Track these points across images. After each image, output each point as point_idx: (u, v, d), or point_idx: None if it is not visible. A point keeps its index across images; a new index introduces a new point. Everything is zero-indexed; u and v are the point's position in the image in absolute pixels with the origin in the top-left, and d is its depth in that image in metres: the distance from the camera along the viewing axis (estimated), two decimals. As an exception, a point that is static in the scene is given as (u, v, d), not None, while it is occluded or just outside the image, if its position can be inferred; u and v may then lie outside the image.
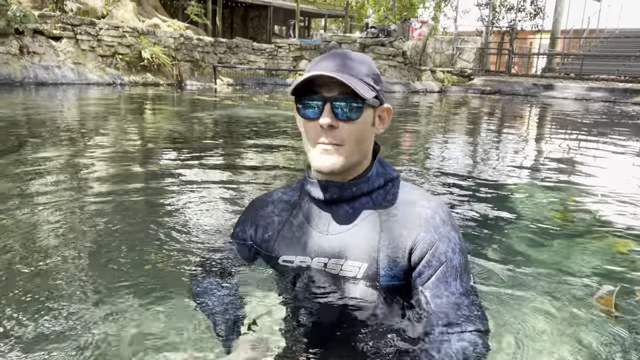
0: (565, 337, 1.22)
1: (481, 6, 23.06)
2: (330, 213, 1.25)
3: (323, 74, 1.10)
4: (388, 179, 1.27)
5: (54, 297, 1.30)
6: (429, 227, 1.18)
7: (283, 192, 1.41)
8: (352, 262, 1.21)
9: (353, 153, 1.17)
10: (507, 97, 14.03)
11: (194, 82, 13.68)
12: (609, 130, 6.89)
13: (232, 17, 24.90)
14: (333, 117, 1.13)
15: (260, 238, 1.37)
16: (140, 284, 1.42)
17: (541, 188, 3.17)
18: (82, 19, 12.03)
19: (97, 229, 1.88)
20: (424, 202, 1.23)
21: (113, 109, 7.57)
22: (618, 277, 1.65)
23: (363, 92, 1.12)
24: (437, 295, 1.15)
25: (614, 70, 18.69)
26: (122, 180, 2.81)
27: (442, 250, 1.17)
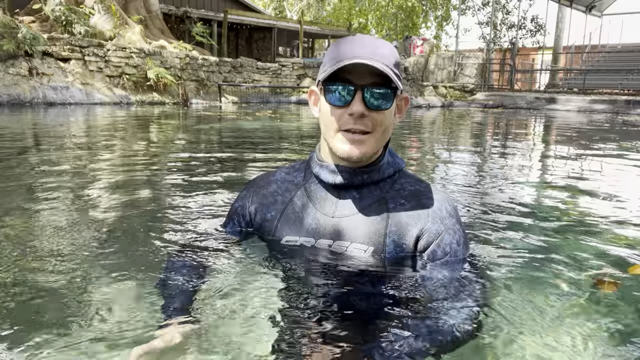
0: (570, 321, 1.20)
1: (482, 24, 23.37)
2: (337, 197, 1.24)
3: (360, 62, 1.07)
4: (397, 169, 1.27)
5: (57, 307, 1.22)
6: (436, 218, 1.20)
7: (287, 172, 1.38)
8: (357, 244, 1.20)
9: (379, 141, 1.17)
10: (510, 111, 14.09)
11: (199, 100, 13.88)
12: (611, 136, 6.90)
13: (237, 39, 25.33)
14: (364, 105, 1.11)
15: (261, 218, 1.34)
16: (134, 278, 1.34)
17: (547, 190, 3.20)
18: (91, 41, 12.31)
19: (100, 233, 1.81)
20: (432, 194, 1.24)
21: (121, 124, 7.70)
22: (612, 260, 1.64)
23: (397, 82, 1.10)
24: (440, 281, 1.17)
25: (617, 84, 18.78)
26: (129, 183, 2.84)
27: (447, 241, 1.19)
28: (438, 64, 19.31)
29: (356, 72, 1.10)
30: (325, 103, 1.16)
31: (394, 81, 1.08)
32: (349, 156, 1.15)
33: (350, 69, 1.09)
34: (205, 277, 1.24)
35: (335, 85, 1.12)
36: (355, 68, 1.09)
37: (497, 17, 22.88)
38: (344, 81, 1.11)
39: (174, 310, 1.06)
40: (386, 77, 1.09)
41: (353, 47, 1.12)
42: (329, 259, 1.23)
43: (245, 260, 1.32)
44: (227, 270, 1.28)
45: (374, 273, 1.19)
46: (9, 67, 10.76)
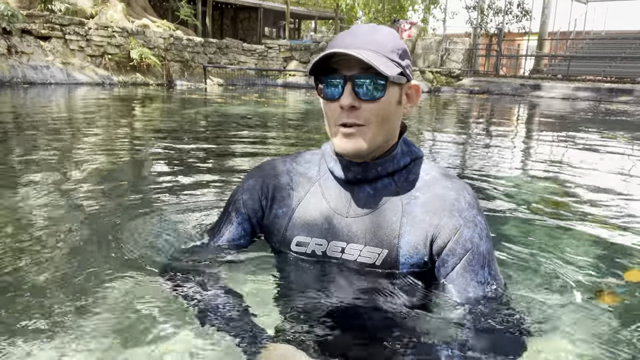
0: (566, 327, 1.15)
1: (469, 9, 23.31)
2: (351, 194, 1.17)
3: (338, 51, 1.02)
4: (413, 158, 1.19)
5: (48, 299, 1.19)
6: (453, 211, 1.10)
7: (298, 162, 1.28)
8: (371, 248, 1.13)
9: (377, 134, 1.09)
10: (496, 97, 14.18)
11: (183, 82, 13.66)
12: (594, 125, 7.01)
13: (221, 19, 24.90)
14: (354, 96, 1.05)
15: (274, 213, 1.23)
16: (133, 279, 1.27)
17: (531, 179, 3.23)
18: (71, 19, 11.97)
19: (85, 223, 1.78)
20: (448, 183, 1.15)
21: (103, 106, 7.55)
22: (606, 263, 1.66)
23: (385, 69, 1.02)
24: (464, 286, 1.08)
25: (600, 72, 18.97)
26: (112, 175, 2.78)
27: (468, 236, 1.08)
28: (425, 48, 19.27)
29: (344, 64, 1.05)
30: (321, 98, 1.11)
31: (378, 69, 1.00)
32: (344, 151, 1.09)
33: (340, 60, 1.04)
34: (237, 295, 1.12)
35: (325, 79, 1.07)
36: (344, 59, 1.04)
37: (483, 1, 22.83)
38: (332, 73, 1.06)
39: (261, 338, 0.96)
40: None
41: (345, 37, 1.08)
42: (341, 265, 1.17)
43: (256, 268, 1.24)
44: (236, 281, 1.19)
45: (387, 279, 1.12)
46: (-14, 45, 10.43)
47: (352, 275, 1.15)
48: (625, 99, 13.00)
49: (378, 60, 1.03)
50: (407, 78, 1.11)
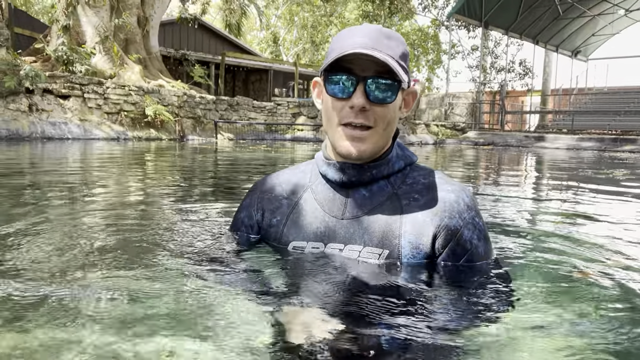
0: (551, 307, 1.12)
1: (472, 68, 24.15)
2: (346, 196, 1.16)
3: (362, 52, 1.01)
4: (408, 162, 1.19)
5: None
6: (453, 212, 1.10)
7: (291, 173, 1.30)
8: (370, 248, 1.12)
9: (381, 137, 1.10)
10: (501, 148, 14.38)
11: (195, 136, 14.11)
12: (600, 169, 7.09)
13: (234, 81, 25.97)
14: (366, 98, 1.05)
15: (267, 223, 1.26)
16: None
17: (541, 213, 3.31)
18: (91, 79, 12.63)
19: (99, 252, 1.61)
20: (447, 186, 1.15)
21: (117, 157, 7.83)
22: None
23: (402, 75, 1.03)
24: (463, 280, 1.09)
25: (605, 126, 19.26)
26: (122, 208, 2.68)
27: (468, 237, 1.10)
28: (430, 103, 19.85)
29: (359, 63, 1.04)
30: (327, 95, 1.09)
31: (398, 74, 1.02)
32: (348, 153, 1.09)
33: (353, 59, 1.03)
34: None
35: (336, 76, 1.06)
36: (358, 59, 1.03)
37: (486, 61, 23.68)
38: (346, 71, 1.05)
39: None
40: (391, 69, 1.03)
41: (358, 37, 1.06)
42: (340, 267, 1.13)
43: (251, 273, 1.20)
44: (232, 284, 1.14)
45: (390, 280, 1.09)
46: (10, 103, 10.99)
47: (352, 270, 1.12)
48: (630, 147, 13.12)
49: (396, 65, 1.03)
50: (408, 84, 1.12)
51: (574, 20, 23.14)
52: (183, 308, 1.06)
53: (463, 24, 23.41)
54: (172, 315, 1.04)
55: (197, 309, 1.05)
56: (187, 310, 1.05)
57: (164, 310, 1.06)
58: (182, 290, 1.13)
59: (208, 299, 1.08)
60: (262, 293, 1.07)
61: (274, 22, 34.71)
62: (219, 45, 23.76)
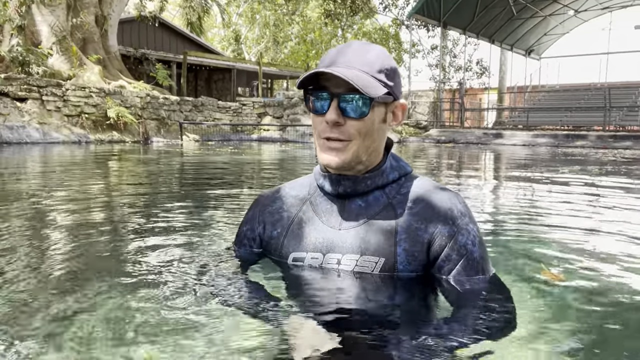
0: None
1: (432, 67, 24.74)
2: (342, 207, 1.21)
3: (327, 71, 1.07)
4: (402, 173, 1.23)
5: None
6: (447, 219, 1.14)
7: (291, 187, 1.35)
8: (367, 257, 1.15)
9: (360, 149, 1.13)
10: (461, 145, 14.87)
11: (160, 138, 13.92)
12: (552, 165, 7.50)
13: (196, 80, 25.65)
14: (339, 113, 1.10)
15: (268, 235, 1.30)
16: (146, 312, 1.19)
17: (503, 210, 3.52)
18: (49, 81, 12.27)
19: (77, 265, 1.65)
20: (440, 193, 1.18)
21: (78, 162, 7.68)
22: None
23: (370, 90, 1.06)
24: (459, 290, 1.11)
25: (558, 121, 20.19)
26: (88, 222, 2.57)
27: (462, 243, 1.13)
28: (392, 103, 20.24)
29: (334, 80, 1.09)
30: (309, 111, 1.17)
31: (362, 90, 1.04)
32: (327, 163, 1.14)
33: (329, 76, 1.09)
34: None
35: (313, 94, 1.13)
36: (334, 76, 1.07)
37: (445, 60, 24.31)
38: (322, 89, 1.12)
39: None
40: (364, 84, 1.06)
41: (337, 55, 1.12)
42: (339, 275, 1.18)
43: (252, 284, 1.23)
44: (233, 295, 1.17)
45: (387, 287, 1.14)
46: (-37, 106, 10.56)
47: (350, 279, 1.16)
48: (581, 143, 13.85)
49: (363, 81, 1.06)
50: (394, 97, 1.15)
51: (527, 20, 24.10)
52: (179, 321, 1.08)
53: (423, 23, 23.96)
54: (166, 328, 1.06)
55: (197, 324, 1.06)
56: (184, 324, 1.07)
57: (158, 322, 1.09)
58: (180, 303, 1.17)
59: (207, 312, 1.11)
60: (261, 306, 1.09)
61: (235, 20, 34.41)
62: (180, 44, 23.42)
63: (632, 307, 1.31)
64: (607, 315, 1.23)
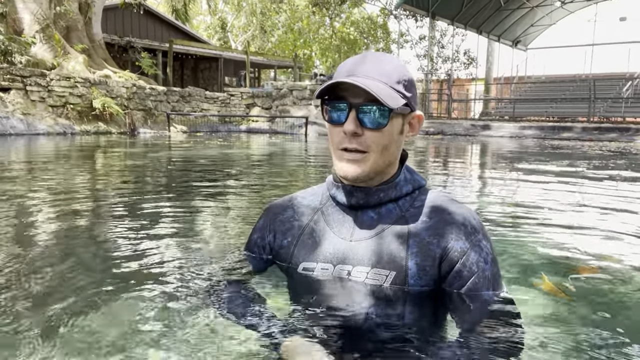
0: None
1: (420, 57, 24.75)
2: (354, 219, 1.20)
3: (348, 81, 1.06)
4: (416, 187, 1.22)
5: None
6: (460, 234, 1.13)
7: (302, 196, 1.34)
8: (378, 270, 1.14)
9: (378, 161, 1.13)
10: (449, 137, 14.96)
11: (147, 129, 13.75)
12: (539, 157, 7.60)
13: (182, 69, 25.33)
14: (358, 124, 1.09)
15: (278, 244, 1.30)
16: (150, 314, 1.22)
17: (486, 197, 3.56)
18: (33, 71, 12.01)
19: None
20: (454, 208, 1.18)
21: (63, 155, 7.57)
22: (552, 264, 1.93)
23: (389, 101, 1.06)
24: (469, 308, 1.10)
25: (543, 112, 20.40)
26: (75, 217, 2.57)
27: (474, 260, 1.12)
28: (381, 93, 20.19)
29: (352, 90, 1.09)
30: (326, 120, 1.16)
31: (382, 100, 1.05)
32: (345, 174, 1.14)
33: (348, 87, 1.08)
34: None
35: (331, 103, 1.12)
36: (353, 86, 1.07)
37: (433, 50, 24.33)
38: (339, 99, 1.11)
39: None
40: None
41: (355, 65, 1.12)
42: (349, 288, 1.17)
43: (261, 292, 1.25)
44: (238, 306, 1.17)
45: (397, 301, 1.14)
46: (-57, 96, 10.30)
47: (360, 291, 1.16)
48: (567, 135, 14.03)
49: (384, 92, 1.07)
50: (411, 109, 1.15)
51: (515, 11, 24.19)
52: (181, 327, 1.10)
53: (411, 13, 23.91)
54: (168, 335, 1.08)
55: (198, 334, 1.08)
56: (186, 331, 1.09)
57: (162, 330, 1.10)
58: (181, 310, 1.19)
59: (210, 321, 1.12)
60: (264, 317, 1.09)
61: (221, 7, 33.97)
62: (166, 32, 23.04)
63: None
64: (613, 328, 1.25)
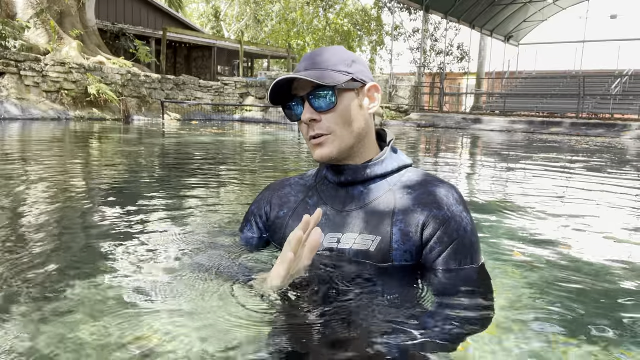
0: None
1: (413, 50, 24.89)
2: (346, 193, 1.30)
3: (280, 78, 1.20)
4: (402, 165, 1.32)
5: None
6: (442, 204, 1.21)
7: (300, 177, 1.47)
8: (365, 235, 1.23)
9: (345, 137, 1.23)
10: (441, 130, 15.17)
11: (141, 117, 13.79)
12: (527, 150, 7.82)
13: (175, 58, 25.23)
14: (313, 111, 1.20)
15: (275, 215, 1.41)
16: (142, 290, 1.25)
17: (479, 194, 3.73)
18: (27, 56, 11.98)
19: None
20: (438, 183, 1.27)
21: (58, 139, 7.63)
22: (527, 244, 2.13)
23: (328, 80, 1.17)
24: (448, 272, 1.18)
25: (533, 108, 20.68)
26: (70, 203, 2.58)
27: (454, 227, 1.19)
28: (374, 85, 20.38)
29: (301, 86, 1.23)
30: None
31: (319, 82, 1.16)
32: (320, 158, 1.25)
33: (297, 85, 1.23)
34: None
35: (289, 105, 1.27)
36: (298, 83, 1.22)
37: (426, 43, 24.48)
38: (294, 97, 1.25)
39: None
40: (319, 82, 1.18)
41: (299, 65, 1.26)
42: (336, 253, 1.26)
43: (250, 261, 1.33)
44: (228, 272, 1.27)
45: (380, 265, 1.21)
46: (-63, 80, 10.26)
47: (346, 264, 1.23)
48: (556, 130, 14.30)
49: (319, 74, 1.18)
50: (362, 82, 1.25)
51: (508, 7, 24.38)
52: (169, 307, 1.13)
53: (405, 6, 24.01)
54: (156, 313, 1.10)
55: (189, 307, 1.11)
56: (175, 309, 1.12)
57: (151, 307, 1.13)
58: (172, 284, 1.24)
59: (200, 288, 1.18)
60: (251, 289, 1.15)
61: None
62: (159, 20, 22.92)
63: (603, 282, 1.52)
64: (580, 295, 1.41)
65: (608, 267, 1.69)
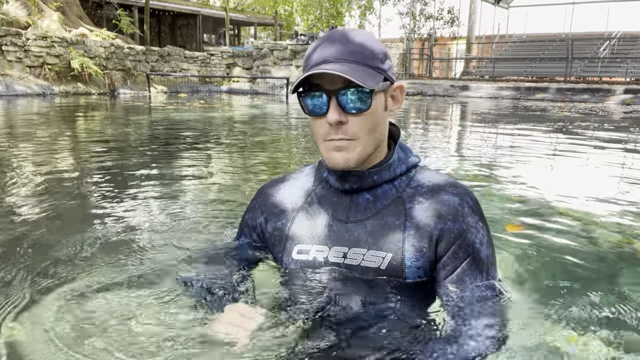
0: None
1: (402, 15, 24.55)
2: (350, 200, 1.16)
3: (321, 71, 1.00)
4: (410, 166, 1.19)
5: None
6: (457, 215, 1.11)
7: (295, 177, 1.31)
8: (374, 252, 1.12)
9: (368, 144, 1.08)
10: (429, 98, 15.20)
11: (126, 90, 13.68)
12: (512, 119, 7.95)
13: (159, 26, 24.73)
14: (341, 111, 1.03)
15: (272, 227, 1.26)
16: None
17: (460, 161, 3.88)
18: (7, 30, 11.76)
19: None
20: (452, 189, 1.15)
21: (44, 116, 7.63)
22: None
23: (368, 82, 1.01)
24: (462, 289, 1.10)
25: (522, 72, 20.66)
26: (60, 188, 2.61)
27: (470, 241, 1.10)
28: (362, 53, 20.12)
29: (327, 77, 1.03)
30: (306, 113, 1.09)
31: (360, 83, 0.99)
32: (334, 165, 1.09)
33: (322, 74, 1.02)
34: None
35: (309, 94, 1.05)
36: (325, 73, 1.01)
37: (415, 8, 24.13)
38: (315, 88, 1.05)
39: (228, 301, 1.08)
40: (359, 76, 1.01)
41: (322, 49, 1.05)
42: (344, 270, 1.15)
43: (254, 276, 1.26)
44: (233, 288, 1.17)
45: (393, 284, 1.12)
46: None
47: (355, 280, 1.14)
48: (541, 96, 14.40)
49: (360, 73, 1.01)
50: (390, 81, 1.09)
51: (498, -32, 23.95)
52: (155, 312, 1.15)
53: (393, -31, 23.52)
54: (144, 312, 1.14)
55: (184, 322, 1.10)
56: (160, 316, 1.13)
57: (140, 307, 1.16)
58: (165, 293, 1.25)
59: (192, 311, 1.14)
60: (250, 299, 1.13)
61: (199, -40, 32.77)
62: (142, -13, 22.32)
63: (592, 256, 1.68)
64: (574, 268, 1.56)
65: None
